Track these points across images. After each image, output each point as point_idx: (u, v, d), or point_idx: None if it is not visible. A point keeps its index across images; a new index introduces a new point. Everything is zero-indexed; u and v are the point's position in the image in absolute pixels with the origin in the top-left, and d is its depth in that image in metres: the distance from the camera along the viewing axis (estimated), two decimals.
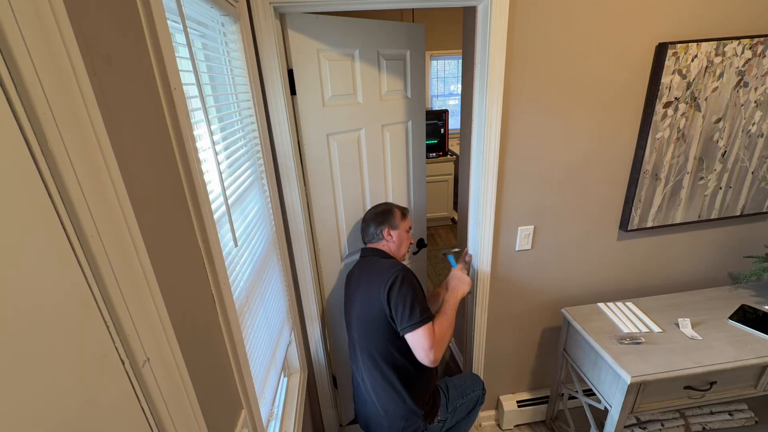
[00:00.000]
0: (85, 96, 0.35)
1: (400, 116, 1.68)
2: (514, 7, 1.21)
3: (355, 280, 1.31)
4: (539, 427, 1.93)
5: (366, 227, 1.38)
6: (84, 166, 0.35)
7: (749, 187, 1.59)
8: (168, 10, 0.61)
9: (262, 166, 1.21)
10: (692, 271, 1.79)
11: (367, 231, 1.38)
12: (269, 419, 1.13)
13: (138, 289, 0.42)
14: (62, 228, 0.33)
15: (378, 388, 1.23)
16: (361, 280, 1.28)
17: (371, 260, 1.31)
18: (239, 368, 0.75)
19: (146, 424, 0.44)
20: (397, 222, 1.36)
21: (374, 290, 1.20)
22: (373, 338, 1.21)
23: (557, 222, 1.57)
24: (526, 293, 1.69)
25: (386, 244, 1.35)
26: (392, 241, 1.35)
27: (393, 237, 1.35)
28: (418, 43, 1.65)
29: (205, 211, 0.64)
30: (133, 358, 0.41)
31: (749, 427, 1.69)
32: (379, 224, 1.34)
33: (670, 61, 1.32)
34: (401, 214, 1.39)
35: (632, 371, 1.25)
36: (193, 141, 0.61)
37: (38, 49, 0.31)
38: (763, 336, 1.36)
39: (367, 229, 1.37)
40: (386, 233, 1.34)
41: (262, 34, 1.14)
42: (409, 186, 1.84)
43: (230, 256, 0.83)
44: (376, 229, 1.35)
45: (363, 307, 1.23)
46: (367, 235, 1.38)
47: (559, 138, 1.42)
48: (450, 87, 4.51)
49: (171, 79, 0.56)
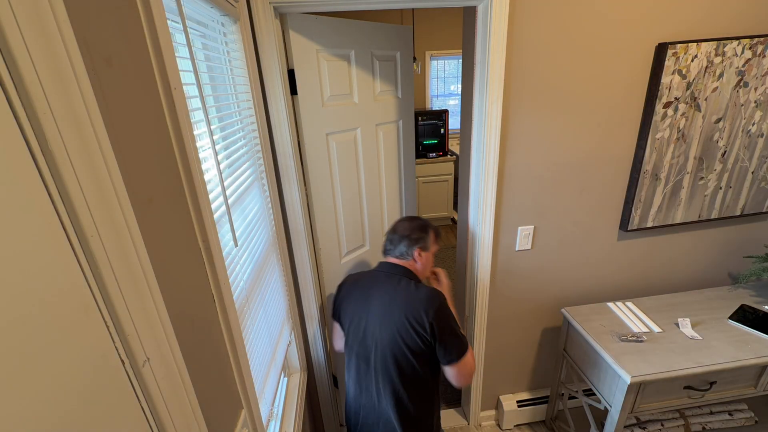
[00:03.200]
0: (85, 96, 0.35)
1: (392, 115, 1.71)
2: (513, 7, 1.21)
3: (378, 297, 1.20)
4: (539, 427, 1.93)
5: (396, 241, 1.25)
6: (84, 166, 0.35)
7: (749, 187, 1.59)
8: (168, 10, 0.61)
9: (262, 166, 1.21)
10: (692, 271, 1.79)
11: (395, 246, 1.25)
12: (269, 419, 1.13)
13: (138, 289, 0.42)
14: (62, 228, 0.33)
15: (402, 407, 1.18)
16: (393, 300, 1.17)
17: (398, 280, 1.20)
18: (239, 368, 0.75)
19: (146, 424, 0.44)
20: (429, 244, 1.27)
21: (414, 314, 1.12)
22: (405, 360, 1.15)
23: (557, 222, 1.57)
24: (526, 293, 1.69)
25: (413, 264, 1.25)
26: (420, 263, 1.25)
27: (423, 258, 1.25)
28: (407, 44, 1.69)
29: (205, 211, 0.64)
30: (133, 358, 0.41)
31: (749, 427, 1.69)
32: (413, 243, 1.24)
33: (670, 61, 1.32)
34: (435, 236, 1.30)
35: (632, 371, 1.25)
36: (193, 141, 0.61)
37: (38, 49, 0.31)
38: (763, 336, 1.36)
39: (398, 244, 1.25)
40: (417, 254, 1.24)
41: (262, 34, 1.14)
42: (401, 183, 1.87)
43: (230, 256, 0.83)
44: (408, 248, 1.23)
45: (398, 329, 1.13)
46: (394, 250, 1.25)
47: (559, 138, 1.42)
48: (450, 87, 4.51)
49: (171, 79, 0.56)
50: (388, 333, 1.16)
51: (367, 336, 1.20)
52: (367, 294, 1.23)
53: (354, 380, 1.25)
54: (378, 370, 1.18)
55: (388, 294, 1.18)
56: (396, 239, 1.26)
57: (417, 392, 1.18)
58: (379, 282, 1.22)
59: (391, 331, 1.16)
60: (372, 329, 1.20)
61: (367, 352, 1.21)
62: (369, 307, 1.21)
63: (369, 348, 1.20)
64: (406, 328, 1.13)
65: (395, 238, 1.26)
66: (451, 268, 3.40)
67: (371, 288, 1.23)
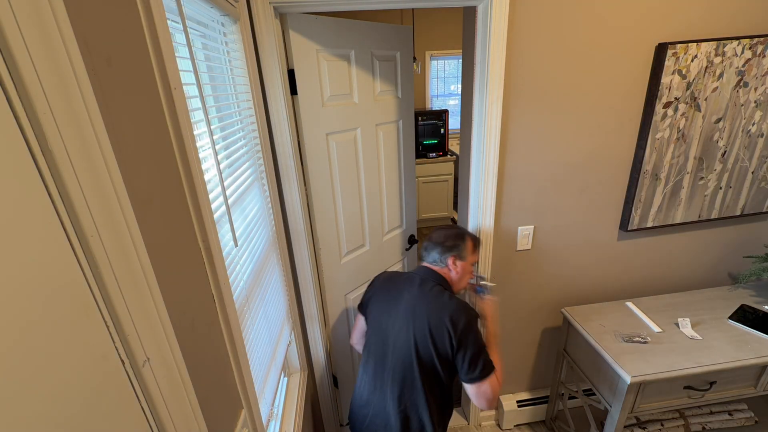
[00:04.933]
0: (85, 96, 0.35)
1: (392, 116, 1.71)
2: (513, 6, 1.21)
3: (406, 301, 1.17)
4: (539, 427, 1.93)
5: (431, 248, 1.23)
6: (84, 166, 0.35)
7: (749, 187, 1.59)
8: (168, 10, 0.61)
9: (262, 166, 1.21)
10: (692, 270, 1.79)
11: (429, 253, 1.23)
12: (269, 419, 1.13)
13: (138, 289, 0.42)
14: (62, 228, 0.33)
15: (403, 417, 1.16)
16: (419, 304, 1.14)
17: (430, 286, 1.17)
18: (239, 368, 0.75)
19: (146, 424, 0.44)
20: (466, 253, 1.22)
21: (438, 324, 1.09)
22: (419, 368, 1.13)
23: (557, 222, 1.57)
24: (526, 293, 1.69)
25: (448, 272, 1.21)
26: (455, 272, 1.21)
27: (457, 267, 1.21)
28: (407, 44, 1.69)
29: (205, 211, 0.64)
30: (133, 358, 0.41)
31: (749, 427, 1.69)
32: (446, 251, 1.20)
33: (670, 62, 1.32)
34: (473, 246, 1.25)
35: (632, 371, 1.25)
36: (193, 141, 0.61)
37: (38, 49, 0.31)
38: (763, 336, 1.36)
39: (431, 251, 1.23)
40: (451, 262, 1.20)
41: (263, 34, 1.14)
42: (401, 183, 1.87)
43: (230, 256, 0.83)
44: (441, 255, 1.21)
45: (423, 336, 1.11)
46: (428, 257, 1.24)
47: (559, 138, 1.42)
48: (450, 87, 4.51)
49: (171, 79, 0.56)
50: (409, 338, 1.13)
51: (388, 337, 1.18)
52: (397, 295, 1.20)
53: (368, 378, 1.23)
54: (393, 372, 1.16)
55: (416, 299, 1.15)
56: (430, 246, 1.23)
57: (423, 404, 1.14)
58: (412, 285, 1.19)
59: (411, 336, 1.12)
60: (394, 331, 1.17)
61: (384, 353, 1.18)
62: (397, 308, 1.18)
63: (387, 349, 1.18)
64: (425, 336, 1.10)
65: (430, 245, 1.24)
66: None
67: (403, 290, 1.20)
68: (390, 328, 1.18)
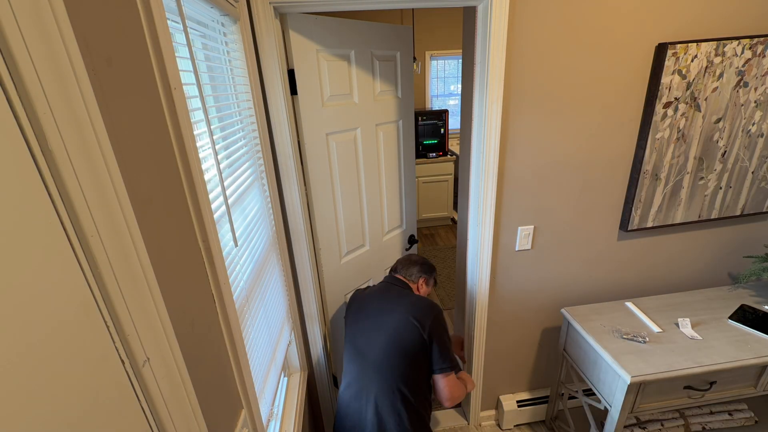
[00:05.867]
0: (85, 96, 0.35)
1: (392, 116, 1.71)
2: (513, 7, 1.21)
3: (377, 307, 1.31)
4: (539, 426, 1.93)
5: (410, 264, 1.44)
6: (84, 166, 0.35)
7: (749, 187, 1.59)
8: (168, 10, 0.61)
9: (262, 166, 1.21)
10: (692, 271, 1.79)
11: (406, 267, 1.44)
12: (269, 419, 1.13)
13: (138, 289, 0.42)
14: (62, 228, 0.33)
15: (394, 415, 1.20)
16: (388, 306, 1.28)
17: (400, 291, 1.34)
18: (239, 368, 0.75)
19: (146, 424, 0.44)
20: (431, 282, 1.48)
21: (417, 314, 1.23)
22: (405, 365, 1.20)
23: (557, 222, 1.57)
24: (526, 293, 1.69)
25: (416, 287, 1.42)
26: (422, 290, 1.43)
27: (423, 289, 1.44)
28: (407, 44, 1.69)
29: (205, 211, 0.64)
30: (133, 358, 0.41)
31: (749, 427, 1.69)
32: (423, 272, 1.44)
33: (670, 62, 1.32)
34: (434, 281, 1.51)
35: (632, 371, 1.25)
36: (193, 141, 0.61)
37: (38, 49, 0.31)
38: (763, 336, 1.36)
39: (411, 266, 1.44)
40: (422, 282, 1.43)
41: (262, 35, 1.14)
42: (401, 183, 1.87)
43: (230, 256, 0.83)
44: (419, 272, 1.43)
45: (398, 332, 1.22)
46: (406, 270, 1.43)
47: (559, 138, 1.42)
48: (450, 87, 4.51)
49: (171, 79, 0.56)
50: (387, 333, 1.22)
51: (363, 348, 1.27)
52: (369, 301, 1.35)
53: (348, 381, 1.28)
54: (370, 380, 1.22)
55: (390, 300, 1.30)
56: (409, 263, 1.45)
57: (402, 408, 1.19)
58: (385, 290, 1.36)
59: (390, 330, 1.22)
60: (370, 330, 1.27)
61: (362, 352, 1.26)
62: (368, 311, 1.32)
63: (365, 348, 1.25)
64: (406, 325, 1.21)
65: (408, 261, 1.45)
66: (451, 268, 3.40)
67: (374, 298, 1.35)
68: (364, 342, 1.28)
